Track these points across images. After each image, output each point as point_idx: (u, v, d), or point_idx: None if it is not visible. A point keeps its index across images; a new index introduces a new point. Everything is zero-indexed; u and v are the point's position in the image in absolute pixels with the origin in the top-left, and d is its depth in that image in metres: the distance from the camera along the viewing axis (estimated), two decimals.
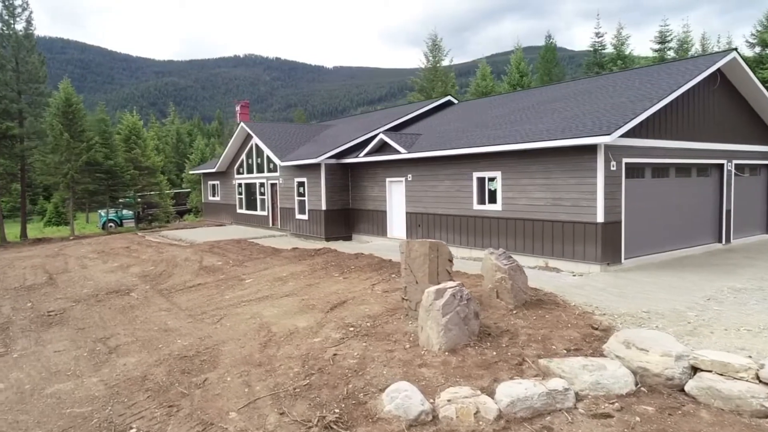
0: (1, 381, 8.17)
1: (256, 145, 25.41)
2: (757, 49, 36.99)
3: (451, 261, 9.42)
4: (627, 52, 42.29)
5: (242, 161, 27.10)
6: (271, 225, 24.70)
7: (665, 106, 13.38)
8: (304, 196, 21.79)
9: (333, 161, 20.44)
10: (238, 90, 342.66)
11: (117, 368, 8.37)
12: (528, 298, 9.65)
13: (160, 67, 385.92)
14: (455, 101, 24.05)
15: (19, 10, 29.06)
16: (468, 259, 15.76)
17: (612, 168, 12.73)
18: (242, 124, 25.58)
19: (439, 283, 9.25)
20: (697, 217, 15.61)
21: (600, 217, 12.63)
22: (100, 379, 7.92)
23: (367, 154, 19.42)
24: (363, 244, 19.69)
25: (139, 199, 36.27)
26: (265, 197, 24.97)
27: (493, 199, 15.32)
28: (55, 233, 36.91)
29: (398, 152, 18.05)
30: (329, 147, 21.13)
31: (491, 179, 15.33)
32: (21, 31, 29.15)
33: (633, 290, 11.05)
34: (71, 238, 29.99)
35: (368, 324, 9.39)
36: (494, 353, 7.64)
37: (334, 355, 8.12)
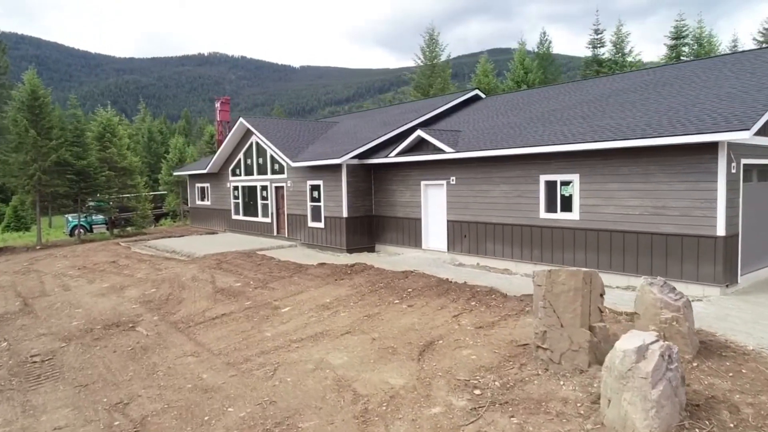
0: None
1: (257, 143, 22.57)
2: (766, 46, 36.03)
3: (602, 296, 7.05)
4: (627, 50, 40.87)
5: (239, 161, 24.18)
6: (276, 233, 21.90)
7: None
8: (319, 201, 19.11)
9: (355, 162, 17.87)
10: (203, 89, 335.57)
11: None
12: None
13: (121, 64, 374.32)
14: (482, 95, 21.76)
15: None
16: (530, 276, 13.39)
17: (732, 170, 10.59)
18: (242, 119, 22.70)
19: (591, 326, 6.87)
20: None
21: (721, 230, 10.47)
22: None
23: (400, 154, 16.91)
24: (393, 257, 17.16)
25: (111, 203, 32.71)
26: (269, 202, 22.14)
27: (567, 207, 13.04)
28: (17, 240, 33.09)
29: (440, 151, 15.60)
30: (350, 145, 18.53)
31: (565, 183, 13.04)
32: None
33: None
34: (38, 247, 26.50)
35: (496, 383, 6.92)
36: None
37: None
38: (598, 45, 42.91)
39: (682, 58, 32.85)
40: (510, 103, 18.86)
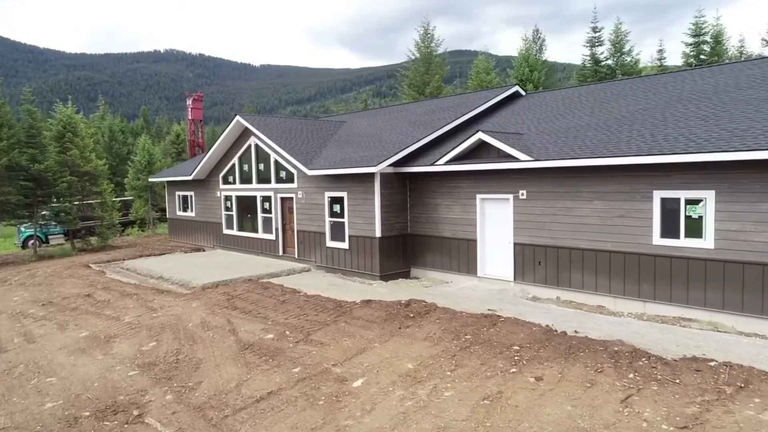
0: None
1: (257, 146, 19.13)
2: None
3: None
4: (626, 49, 39.11)
5: (233, 167, 20.63)
6: (281, 253, 18.50)
7: None
8: (342, 216, 15.89)
9: (390, 170, 14.77)
10: (159, 86, 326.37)
11: None
12: None
13: (72, 60, 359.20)
14: (522, 92, 18.96)
15: None
16: (642, 317, 10.64)
17: None
18: (238, 118, 19.19)
19: None
20: None
21: None
22: None
23: (453, 161, 13.89)
24: (442, 287, 14.12)
25: (71, 213, 28.44)
26: (273, 216, 18.73)
27: (695, 232, 10.31)
28: None
29: (509, 159, 12.68)
30: (380, 150, 15.43)
31: (692, 202, 10.30)
32: None
33: None
34: None
35: None
36: None
37: None
38: (597, 44, 41.00)
39: (701, 57, 31.01)
40: (568, 102, 16.07)
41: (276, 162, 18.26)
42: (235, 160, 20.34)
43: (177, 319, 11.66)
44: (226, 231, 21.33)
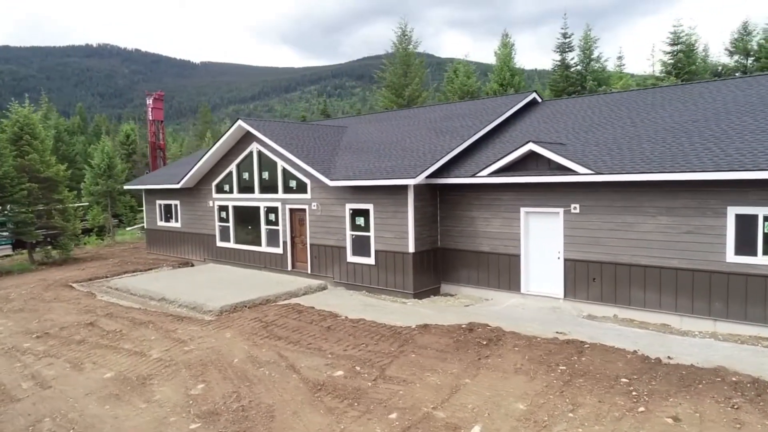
0: None
1: (261, 153, 17.76)
2: (736, 57, 36.17)
3: None
4: (595, 55, 39.87)
5: (229, 175, 19.09)
6: (291, 268, 17.22)
7: None
8: (366, 230, 14.87)
9: (422, 181, 13.89)
10: (92, 82, 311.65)
11: None
12: None
13: None
14: (539, 99, 18.47)
15: None
16: (717, 337, 10.27)
17: None
18: (240, 122, 17.73)
19: None
20: None
21: None
22: None
23: (498, 172, 13.17)
24: (484, 305, 13.39)
25: (31, 223, 25.87)
26: (280, 228, 17.41)
27: None
28: None
29: (563, 171, 12.10)
30: (408, 160, 14.54)
31: None
32: None
33: None
34: None
35: None
36: None
37: None
38: (567, 49, 41.55)
39: (679, 65, 31.74)
40: (597, 111, 15.66)
41: (284, 170, 16.97)
42: (233, 167, 18.84)
43: (216, 353, 10.33)
44: (220, 244, 19.76)
